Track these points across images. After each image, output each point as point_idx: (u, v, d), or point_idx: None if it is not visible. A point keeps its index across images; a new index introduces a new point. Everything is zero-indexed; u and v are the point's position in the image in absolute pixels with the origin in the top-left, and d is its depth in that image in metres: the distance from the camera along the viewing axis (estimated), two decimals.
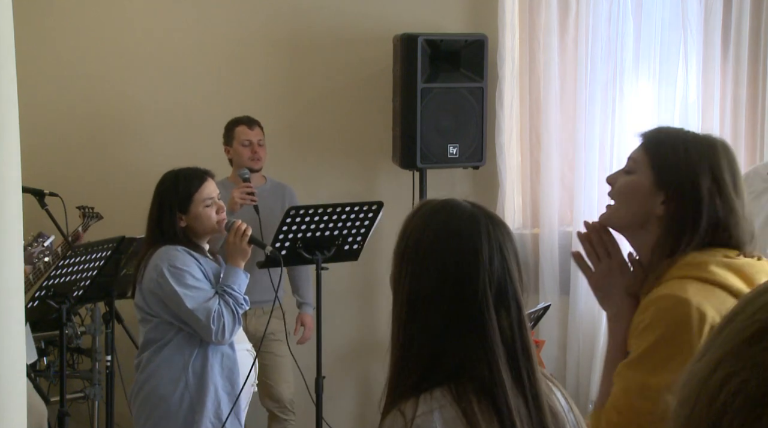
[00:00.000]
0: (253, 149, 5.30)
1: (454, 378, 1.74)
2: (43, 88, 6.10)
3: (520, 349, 1.77)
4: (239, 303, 3.91)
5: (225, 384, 3.96)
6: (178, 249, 3.91)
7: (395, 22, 5.58)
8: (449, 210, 1.86)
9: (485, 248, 1.77)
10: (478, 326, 1.75)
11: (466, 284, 1.76)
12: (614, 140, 5.38)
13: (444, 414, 1.72)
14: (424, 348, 1.76)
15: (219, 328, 3.84)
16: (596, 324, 5.38)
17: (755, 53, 5.16)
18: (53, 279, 4.48)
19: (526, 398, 1.76)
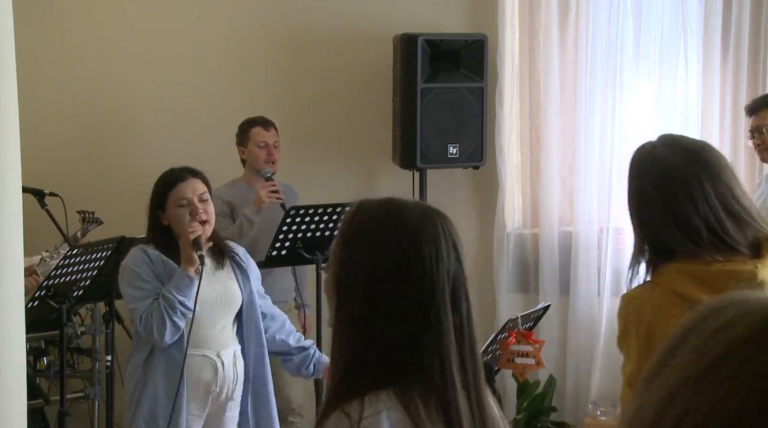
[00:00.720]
0: (269, 151, 5.25)
1: (400, 380, 1.71)
2: (44, 88, 6.10)
3: (468, 348, 1.75)
4: (172, 307, 3.82)
5: (166, 386, 3.90)
6: (139, 249, 3.98)
7: (395, 22, 5.58)
8: (399, 209, 1.81)
9: (443, 247, 1.75)
10: (434, 325, 1.72)
11: (425, 283, 1.73)
12: (614, 140, 5.38)
13: (391, 416, 1.69)
14: (379, 347, 1.72)
15: (147, 329, 3.84)
16: (596, 324, 5.38)
17: (755, 54, 5.16)
18: (53, 279, 4.48)
19: (471, 399, 1.74)
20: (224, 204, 5.16)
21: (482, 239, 5.66)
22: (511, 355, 3.97)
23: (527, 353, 3.98)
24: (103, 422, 5.19)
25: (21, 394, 2.90)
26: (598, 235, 5.42)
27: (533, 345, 3.98)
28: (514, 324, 4.00)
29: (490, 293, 5.59)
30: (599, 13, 5.34)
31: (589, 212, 5.43)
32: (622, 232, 5.38)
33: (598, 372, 5.34)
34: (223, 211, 5.12)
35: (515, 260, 5.62)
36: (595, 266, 5.40)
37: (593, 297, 5.41)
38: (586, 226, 5.42)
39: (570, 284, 5.44)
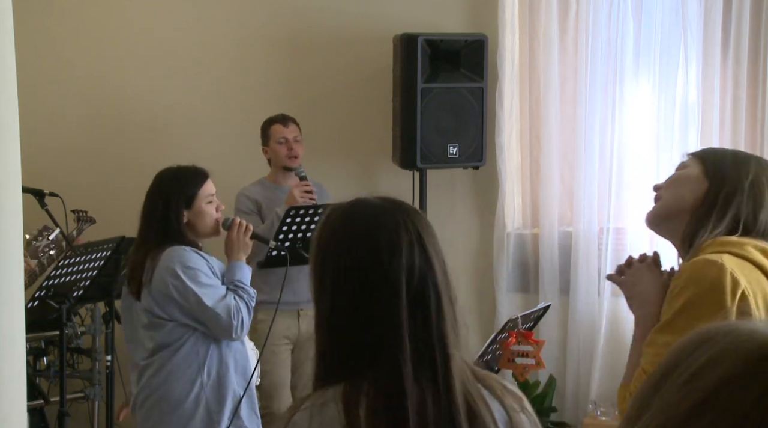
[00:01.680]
0: (289, 145, 5.26)
1: (353, 375, 1.70)
2: (44, 88, 6.10)
3: (438, 345, 1.73)
4: (251, 297, 3.90)
5: (240, 381, 3.93)
6: (185, 249, 3.86)
7: (395, 22, 5.58)
8: (363, 208, 1.82)
9: (404, 241, 1.74)
10: (388, 322, 1.71)
11: (384, 279, 1.72)
12: (614, 140, 5.38)
13: (324, 412, 1.69)
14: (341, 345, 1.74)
15: (239, 323, 3.83)
16: (596, 324, 5.38)
17: (755, 54, 5.16)
18: (53, 279, 4.48)
19: (439, 398, 1.71)
20: (252, 203, 5.18)
21: (482, 239, 5.66)
22: (511, 355, 3.97)
23: (527, 353, 3.98)
24: (103, 422, 5.20)
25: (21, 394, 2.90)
26: (598, 235, 5.42)
27: (533, 345, 3.98)
28: (514, 324, 4.00)
29: (490, 293, 5.59)
30: (599, 13, 5.34)
31: (589, 212, 5.43)
32: (622, 232, 5.39)
33: (598, 372, 5.34)
34: (251, 209, 5.15)
35: (515, 261, 5.62)
36: (595, 266, 5.40)
37: (593, 297, 5.41)
38: (586, 226, 5.42)
39: (570, 284, 5.44)
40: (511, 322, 4.02)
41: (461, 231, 5.71)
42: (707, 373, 0.82)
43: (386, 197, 1.85)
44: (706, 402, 0.81)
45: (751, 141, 5.20)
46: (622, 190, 5.40)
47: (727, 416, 0.79)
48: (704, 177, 2.37)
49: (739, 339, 0.84)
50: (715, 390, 0.81)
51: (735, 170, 2.36)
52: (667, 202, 2.43)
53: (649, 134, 5.34)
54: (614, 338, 5.36)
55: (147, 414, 3.94)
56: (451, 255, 1.90)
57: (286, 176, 5.31)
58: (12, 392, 2.80)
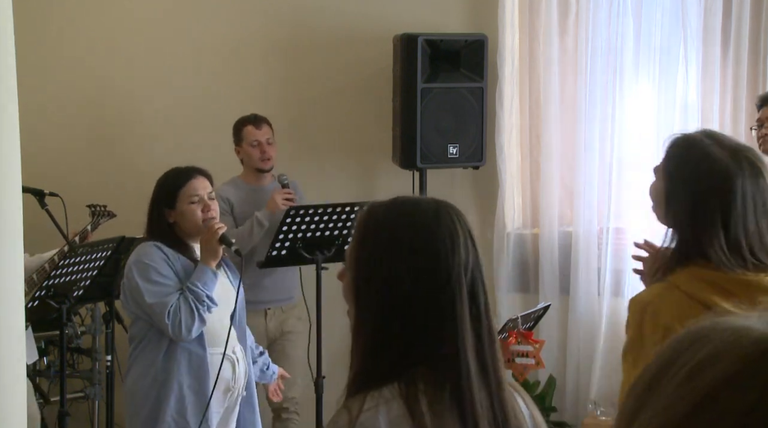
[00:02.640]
0: (262, 148, 5.28)
1: (406, 373, 1.71)
2: (44, 88, 6.10)
3: (488, 342, 1.76)
4: (200, 300, 3.86)
5: (192, 383, 3.92)
6: (151, 245, 3.93)
7: (395, 22, 5.57)
8: (411, 207, 1.83)
9: (461, 241, 1.76)
10: (449, 318, 1.73)
11: (441, 274, 1.74)
12: (614, 140, 5.38)
13: (390, 411, 1.69)
14: (393, 344, 1.73)
15: (175, 324, 3.83)
16: (596, 324, 5.38)
17: (755, 54, 5.16)
18: (53, 279, 4.48)
19: (491, 391, 1.74)
20: (225, 203, 5.18)
21: (482, 239, 5.61)
22: (511, 355, 3.97)
23: (527, 353, 3.98)
24: (103, 422, 5.19)
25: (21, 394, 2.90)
26: (598, 235, 5.42)
27: (533, 345, 3.98)
28: (514, 324, 4.00)
29: (490, 293, 5.57)
30: (599, 14, 5.34)
31: (589, 212, 5.43)
32: (622, 232, 5.39)
33: (598, 372, 5.34)
34: (224, 209, 5.14)
35: (515, 260, 5.62)
36: (595, 266, 5.40)
37: (593, 297, 5.41)
38: (586, 226, 5.42)
39: (570, 284, 5.44)
40: (511, 322, 4.02)
41: None
42: (705, 372, 0.80)
43: (430, 197, 1.89)
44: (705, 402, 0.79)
45: (750, 141, 5.19)
46: (622, 190, 5.40)
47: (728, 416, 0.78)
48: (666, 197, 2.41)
49: (734, 335, 0.82)
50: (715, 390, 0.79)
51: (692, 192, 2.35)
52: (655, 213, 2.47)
53: (649, 133, 5.34)
54: (614, 338, 5.36)
55: (126, 404, 4.05)
56: None
57: (259, 177, 5.34)
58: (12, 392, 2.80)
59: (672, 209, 2.31)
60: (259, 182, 5.35)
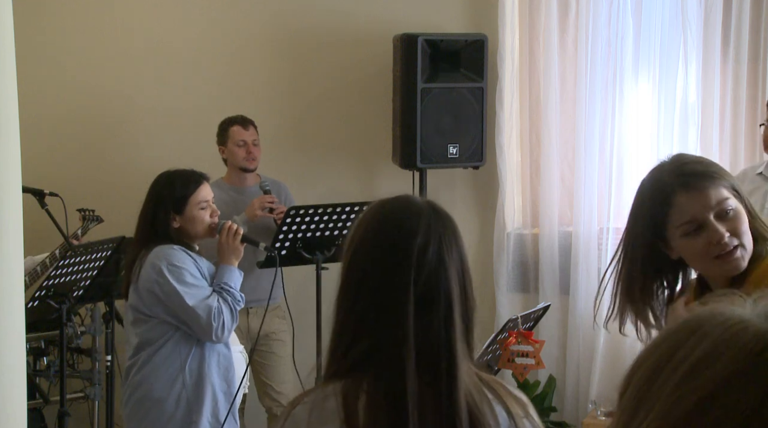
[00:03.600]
0: (248, 149, 5.31)
1: (357, 371, 1.71)
2: (44, 88, 6.11)
3: (444, 349, 1.72)
4: (237, 300, 3.91)
5: (222, 384, 3.94)
6: (174, 248, 3.89)
7: (395, 22, 5.57)
8: (395, 203, 1.83)
9: (419, 240, 1.74)
10: (396, 318, 1.72)
11: (391, 275, 1.73)
12: (614, 140, 5.38)
13: (324, 405, 1.70)
14: (346, 342, 1.75)
15: (219, 325, 3.83)
16: (595, 324, 5.37)
17: (755, 53, 5.15)
18: (53, 279, 4.48)
19: (440, 398, 1.70)
20: None
21: (482, 239, 5.66)
22: (511, 355, 3.97)
23: (527, 353, 3.98)
24: (103, 422, 5.20)
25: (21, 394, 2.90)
26: (598, 235, 5.42)
27: (533, 345, 3.98)
28: (514, 324, 4.00)
29: (490, 293, 5.59)
30: (599, 14, 5.33)
31: (589, 212, 5.42)
32: (621, 232, 5.37)
33: (598, 372, 5.34)
34: None
35: (515, 260, 5.62)
36: (595, 266, 5.40)
37: (593, 297, 5.40)
38: (586, 226, 5.42)
39: (570, 284, 5.44)
40: (511, 322, 4.02)
41: (461, 231, 5.69)
42: (706, 369, 0.80)
43: (426, 199, 1.86)
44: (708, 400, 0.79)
45: (750, 141, 5.19)
46: (622, 190, 5.39)
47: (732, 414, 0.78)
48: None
49: (731, 329, 0.82)
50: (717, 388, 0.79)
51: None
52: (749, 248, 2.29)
53: (649, 133, 5.34)
54: (614, 338, 5.36)
55: (131, 411, 3.98)
56: None
57: (242, 178, 5.37)
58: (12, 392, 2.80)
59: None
60: (242, 182, 5.37)
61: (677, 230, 2.23)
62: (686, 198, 2.22)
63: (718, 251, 2.21)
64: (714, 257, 2.22)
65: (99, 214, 5.47)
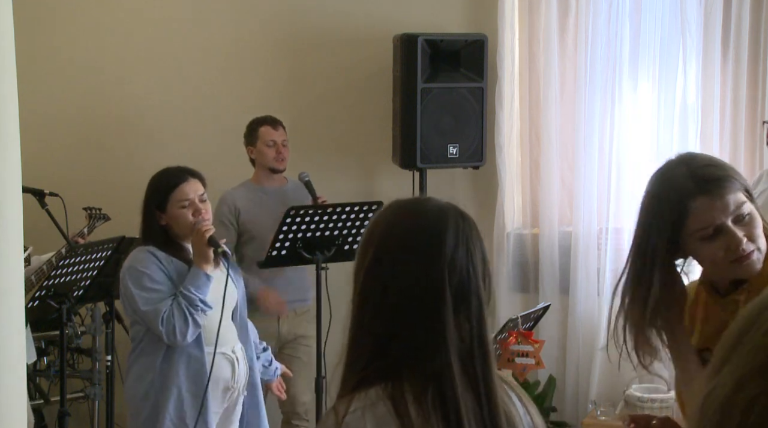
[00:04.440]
0: (278, 149, 5.28)
1: (394, 375, 1.71)
2: (44, 88, 6.11)
3: (477, 347, 1.75)
4: (193, 305, 3.84)
5: (190, 386, 3.91)
6: (144, 250, 3.92)
7: (395, 22, 5.57)
8: (419, 205, 1.86)
9: (449, 241, 1.75)
10: (433, 320, 1.72)
11: (426, 277, 1.73)
12: (614, 140, 5.38)
13: (376, 411, 1.69)
14: (380, 345, 1.74)
15: (169, 330, 3.82)
16: (596, 324, 5.37)
17: (755, 53, 5.15)
18: (53, 279, 4.48)
19: (479, 397, 1.72)
20: (230, 210, 5.16)
21: None
22: (511, 355, 3.97)
23: (527, 353, 3.98)
24: (103, 422, 5.19)
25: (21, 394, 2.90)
26: (598, 235, 5.42)
27: (533, 345, 3.98)
28: (514, 324, 4.01)
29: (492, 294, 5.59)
30: (599, 14, 5.34)
31: (589, 212, 5.43)
32: (621, 232, 5.38)
33: (598, 372, 5.34)
34: (228, 220, 5.12)
35: (515, 260, 5.62)
36: (594, 266, 5.40)
37: (593, 297, 5.41)
38: (586, 226, 5.42)
39: (570, 284, 5.44)
40: (511, 322, 4.03)
41: None
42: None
43: (448, 202, 1.86)
44: None
45: (750, 141, 5.20)
46: (622, 190, 5.39)
47: None
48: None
49: None
50: None
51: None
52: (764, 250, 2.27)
53: (649, 134, 5.34)
54: None
55: (128, 409, 4.05)
56: None
57: (271, 178, 5.33)
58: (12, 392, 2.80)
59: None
60: (271, 183, 5.33)
61: (694, 234, 2.20)
62: (705, 203, 2.18)
63: (735, 256, 2.19)
64: (730, 261, 2.21)
65: (106, 214, 5.46)
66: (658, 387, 5.10)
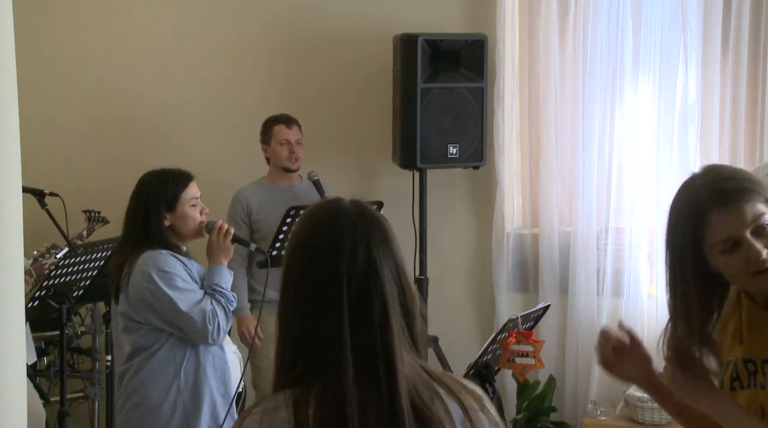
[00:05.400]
0: (291, 148, 5.30)
1: (305, 379, 1.71)
2: (44, 88, 6.11)
3: (381, 351, 1.71)
4: (229, 301, 3.86)
5: (219, 386, 3.89)
6: (162, 253, 3.82)
7: (395, 22, 5.58)
8: (321, 211, 1.82)
9: (347, 246, 1.73)
10: (330, 327, 1.71)
11: (323, 284, 1.72)
12: (614, 140, 5.38)
13: (275, 415, 1.69)
14: (290, 348, 1.74)
15: (215, 328, 3.78)
16: (595, 324, 5.37)
17: (755, 53, 5.15)
18: (53, 279, 4.48)
19: (382, 403, 1.69)
20: (243, 208, 5.18)
21: (482, 239, 5.66)
22: (511, 355, 3.97)
23: (527, 353, 3.98)
24: (103, 422, 5.20)
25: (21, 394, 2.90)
26: (597, 235, 5.42)
27: (533, 345, 3.98)
28: (514, 324, 4.00)
29: (489, 293, 5.60)
30: (599, 13, 5.33)
31: (589, 212, 5.43)
32: (621, 232, 5.38)
33: (598, 372, 5.33)
34: (241, 218, 5.14)
35: (515, 260, 5.62)
36: (594, 266, 5.40)
37: (593, 297, 5.41)
38: (586, 226, 5.42)
39: (570, 284, 5.44)
40: (511, 322, 4.02)
41: (461, 231, 5.71)
42: None
43: (352, 200, 1.84)
44: None
45: (750, 141, 5.20)
46: (622, 190, 5.39)
47: None
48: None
49: None
50: None
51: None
52: None
53: (649, 133, 5.34)
54: None
55: (126, 418, 3.91)
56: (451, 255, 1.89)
57: (284, 177, 5.35)
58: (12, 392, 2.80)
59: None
60: (284, 182, 5.34)
61: (714, 247, 2.18)
62: (721, 216, 2.16)
63: (756, 268, 2.17)
64: (752, 274, 2.18)
65: (105, 217, 5.45)
66: None
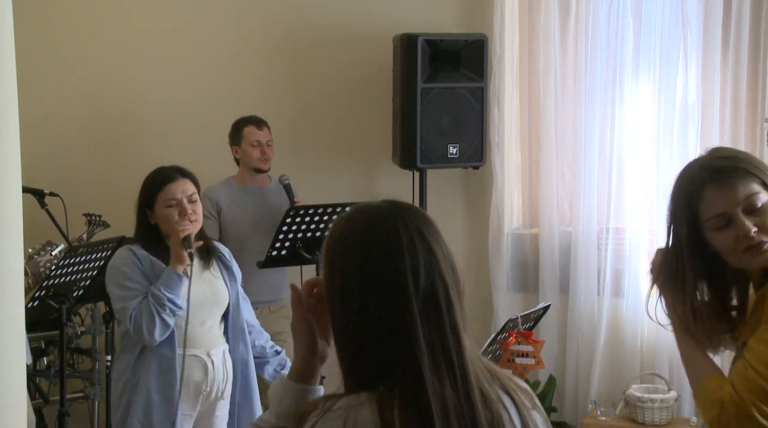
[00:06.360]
0: (263, 149, 5.31)
1: (386, 381, 1.70)
2: (44, 88, 6.11)
3: (452, 336, 1.72)
4: (161, 304, 3.82)
5: (159, 386, 3.89)
6: (127, 248, 3.97)
7: (395, 22, 5.58)
8: (362, 212, 1.81)
9: (403, 239, 1.73)
10: (401, 326, 1.70)
11: (388, 283, 1.71)
12: (614, 140, 5.38)
13: (359, 412, 1.68)
14: (363, 355, 1.72)
15: (136, 328, 3.82)
16: (595, 324, 5.38)
17: (755, 53, 5.15)
18: (53, 279, 4.48)
19: (459, 398, 1.70)
20: (212, 204, 5.19)
21: (482, 238, 5.66)
22: (511, 355, 3.97)
23: (527, 353, 3.98)
24: (103, 422, 5.20)
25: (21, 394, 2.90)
26: (598, 235, 5.42)
27: (533, 345, 3.98)
28: (514, 324, 4.00)
29: (489, 293, 5.59)
30: (599, 14, 5.34)
31: (589, 212, 5.43)
32: (622, 232, 5.39)
33: (598, 372, 5.34)
34: (210, 212, 5.14)
35: (515, 260, 5.62)
36: (595, 266, 5.40)
37: (593, 297, 5.41)
38: (586, 226, 5.42)
39: (570, 283, 5.44)
40: (511, 322, 4.03)
41: (461, 231, 5.70)
42: None
43: (387, 199, 1.83)
44: None
45: (750, 141, 5.19)
46: (622, 190, 5.39)
47: None
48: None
49: None
50: None
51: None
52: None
53: (649, 133, 5.34)
54: (614, 338, 5.36)
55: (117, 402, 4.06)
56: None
57: (254, 178, 5.37)
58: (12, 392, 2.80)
59: None
60: (254, 183, 5.36)
61: (707, 224, 2.26)
62: (714, 192, 2.24)
63: (745, 245, 2.24)
64: (743, 251, 2.25)
65: (105, 220, 5.45)
66: (657, 387, 5.10)
